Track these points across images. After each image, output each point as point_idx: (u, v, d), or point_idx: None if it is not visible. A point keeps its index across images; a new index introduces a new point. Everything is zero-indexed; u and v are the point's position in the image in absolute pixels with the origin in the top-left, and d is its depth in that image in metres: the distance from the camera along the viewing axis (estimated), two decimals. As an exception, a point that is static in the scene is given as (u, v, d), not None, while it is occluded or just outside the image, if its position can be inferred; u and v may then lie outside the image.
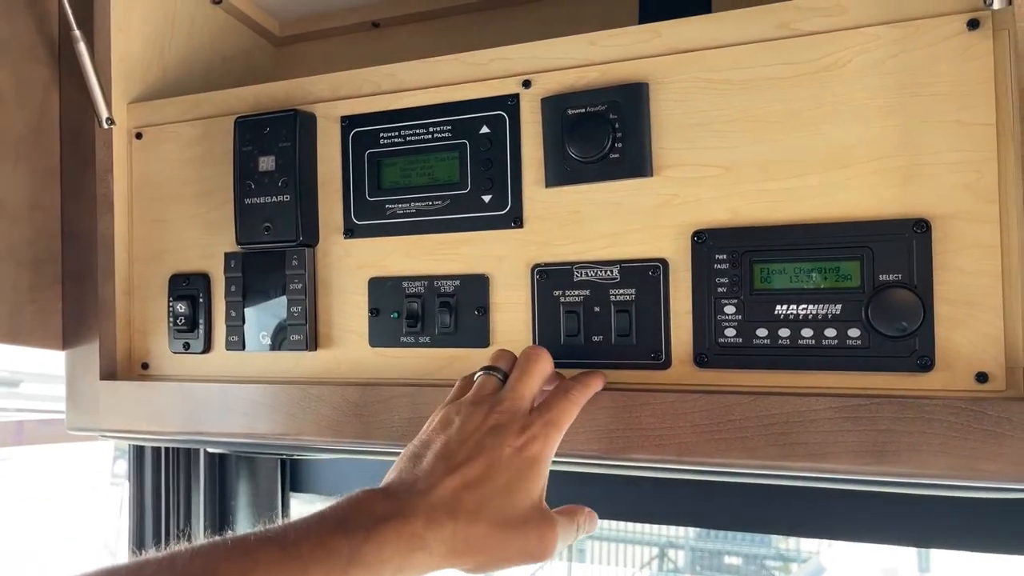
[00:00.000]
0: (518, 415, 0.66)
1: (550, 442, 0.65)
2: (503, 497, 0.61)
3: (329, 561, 0.53)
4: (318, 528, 0.55)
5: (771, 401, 0.68)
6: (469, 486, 0.61)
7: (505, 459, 0.63)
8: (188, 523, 1.38)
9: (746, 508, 1.10)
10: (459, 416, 0.66)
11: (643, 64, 0.75)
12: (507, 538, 0.60)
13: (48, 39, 0.97)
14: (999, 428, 0.61)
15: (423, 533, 0.58)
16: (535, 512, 0.63)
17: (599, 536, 9.65)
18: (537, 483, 0.64)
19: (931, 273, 0.66)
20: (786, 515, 1.08)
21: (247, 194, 0.88)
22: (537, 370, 0.69)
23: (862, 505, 1.04)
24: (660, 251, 0.75)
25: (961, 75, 0.65)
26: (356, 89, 0.87)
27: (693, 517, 1.18)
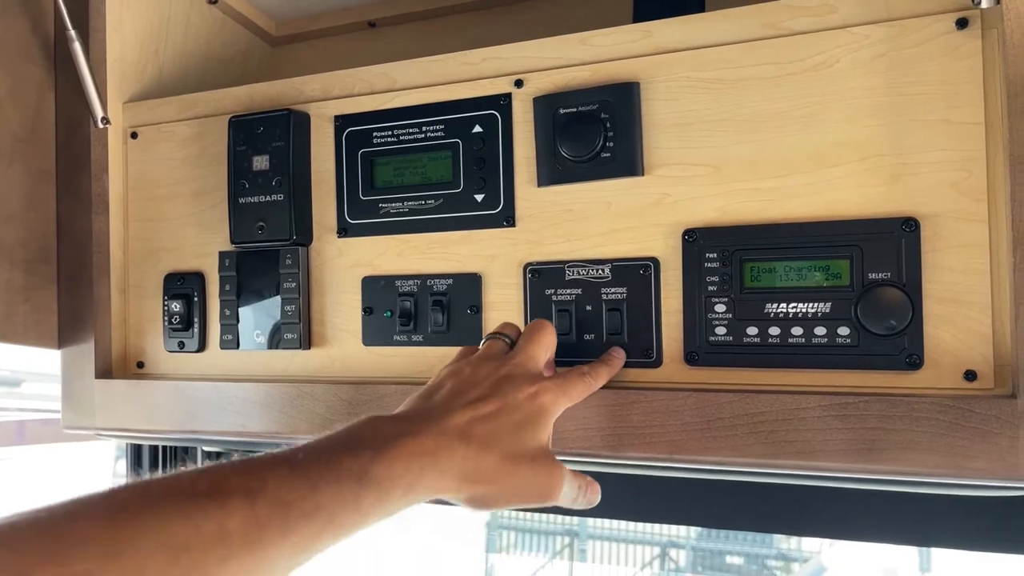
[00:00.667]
0: (530, 371, 0.66)
1: (558, 401, 0.65)
2: (514, 434, 0.61)
3: (339, 480, 0.52)
4: (327, 448, 0.54)
5: (760, 399, 0.68)
6: (481, 419, 0.61)
7: (517, 402, 0.63)
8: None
9: (748, 507, 1.10)
10: (470, 366, 0.66)
11: (634, 63, 0.76)
12: (518, 470, 0.60)
13: (44, 39, 0.97)
14: (987, 426, 0.61)
15: (434, 452, 0.57)
16: (543, 453, 0.63)
17: (600, 536, 9.66)
18: (546, 430, 0.64)
19: (920, 271, 0.66)
20: (788, 514, 1.08)
21: (241, 193, 0.89)
22: (544, 339, 0.70)
23: (863, 504, 1.04)
24: (651, 250, 0.75)
25: (949, 74, 0.66)
26: (349, 89, 0.87)
27: (695, 516, 1.18)
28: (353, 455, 0.54)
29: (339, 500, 0.51)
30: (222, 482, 0.48)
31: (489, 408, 0.61)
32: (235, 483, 0.48)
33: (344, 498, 0.52)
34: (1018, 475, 0.60)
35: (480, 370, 0.65)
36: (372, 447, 0.55)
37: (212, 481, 0.48)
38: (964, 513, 1.00)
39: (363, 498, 0.53)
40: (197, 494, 0.47)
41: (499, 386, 0.63)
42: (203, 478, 0.48)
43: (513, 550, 9.75)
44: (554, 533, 9.66)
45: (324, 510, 0.50)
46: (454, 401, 0.62)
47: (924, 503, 1.01)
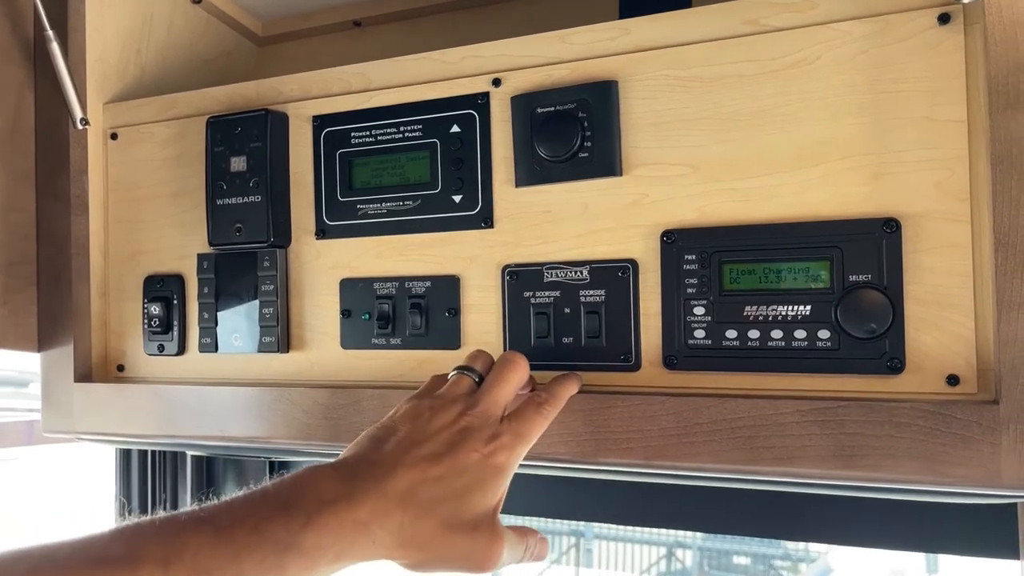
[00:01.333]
0: (489, 421, 0.64)
1: (516, 454, 0.63)
2: (459, 500, 0.59)
3: (263, 548, 0.50)
4: (257, 509, 0.52)
5: (738, 404, 0.66)
6: (427, 481, 0.59)
7: (470, 463, 0.60)
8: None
9: (753, 513, 1.07)
10: (430, 411, 0.64)
11: (612, 62, 0.74)
12: (454, 540, 0.58)
13: (23, 39, 0.96)
14: (968, 432, 0.60)
15: (369, 521, 0.55)
16: (487, 521, 0.61)
17: (606, 536, 9.63)
18: (496, 493, 0.62)
19: (901, 273, 0.65)
20: (793, 520, 1.06)
21: (219, 195, 0.88)
22: (514, 377, 0.67)
23: (868, 510, 1.02)
24: (630, 251, 0.74)
25: (932, 71, 0.64)
26: (327, 88, 0.86)
27: (701, 522, 1.16)
28: (284, 521, 0.52)
29: (262, 569, 0.50)
30: (137, 547, 0.46)
31: (438, 471, 0.59)
32: (151, 549, 0.46)
33: (267, 567, 0.50)
34: (999, 482, 0.59)
35: (438, 419, 0.63)
36: (306, 512, 0.53)
37: (127, 546, 0.46)
38: (972, 518, 0.98)
39: (288, 567, 0.51)
40: (107, 560, 0.45)
41: (454, 443, 0.61)
42: (116, 543, 0.46)
43: (519, 550, 9.71)
44: (560, 533, 9.64)
45: None
46: (404, 457, 0.60)
47: (931, 508, 0.99)
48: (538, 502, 1.19)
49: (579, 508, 1.18)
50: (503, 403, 0.66)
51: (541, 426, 0.66)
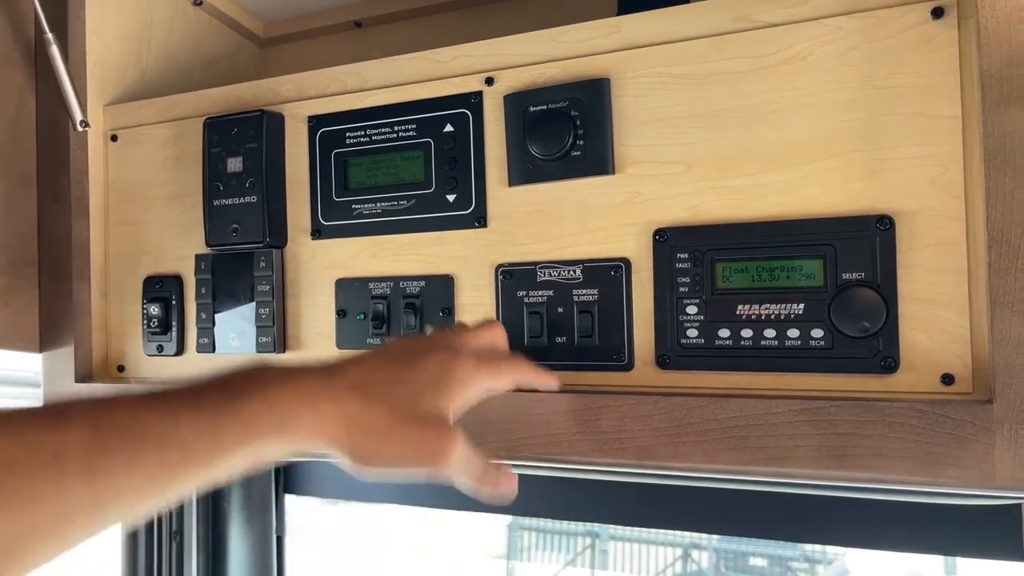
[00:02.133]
0: (453, 346, 0.61)
1: (477, 377, 0.60)
2: (410, 392, 0.56)
3: (198, 410, 0.47)
4: (195, 382, 0.50)
5: (730, 404, 0.66)
6: (379, 375, 0.56)
7: (428, 366, 0.58)
8: (181, 525, 1.38)
9: (768, 515, 1.06)
10: (393, 344, 0.62)
11: (604, 59, 0.74)
12: (405, 428, 0.55)
13: (24, 42, 0.97)
14: (962, 432, 0.59)
15: (314, 396, 0.52)
16: (439, 418, 0.57)
17: (621, 537, 9.60)
18: (451, 398, 0.58)
19: (895, 271, 0.64)
20: (804, 522, 1.05)
21: (216, 195, 0.88)
22: (486, 333, 0.65)
23: (886, 513, 1.00)
24: (622, 250, 0.73)
25: (925, 66, 0.63)
26: (323, 88, 0.86)
27: (715, 524, 1.15)
28: (224, 388, 0.49)
29: (196, 431, 0.47)
30: (66, 409, 0.44)
31: (392, 371, 0.57)
32: (80, 410, 0.44)
33: (202, 430, 0.47)
34: (993, 483, 0.58)
35: (399, 346, 0.60)
36: (247, 384, 0.50)
37: (58, 409, 0.44)
38: (976, 520, 0.97)
39: (225, 432, 0.47)
40: (35, 417, 0.43)
41: (413, 356, 0.58)
42: (49, 408, 0.44)
43: (534, 551, 9.71)
44: (575, 534, 9.63)
45: (179, 440, 0.46)
46: (357, 360, 0.57)
47: (947, 512, 0.97)
48: (554, 503, 1.18)
49: (594, 509, 1.18)
50: (471, 345, 0.63)
51: (511, 373, 0.64)
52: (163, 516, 1.36)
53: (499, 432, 0.73)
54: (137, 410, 0.46)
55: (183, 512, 1.38)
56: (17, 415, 0.43)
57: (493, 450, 0.73)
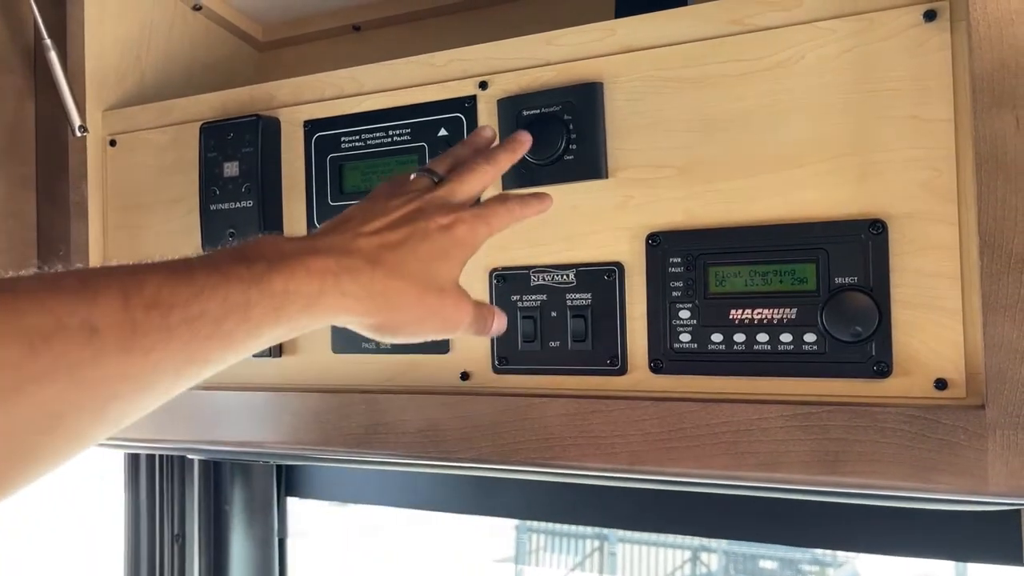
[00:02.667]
0: (447, 203, 0.62)
1: (477, 233, 0.62)
2: (424, 263, 0.58)
3: (227, 286, 0.47)
4: (217, 257, 0.49)
5: (721, 409, 0.65)
6: (390, 245, 0.57)
7: (429, 232, 0.59)
8: (182, 528, 1.39)
9: (778, 520, 1.05)
10: (386, 195, 0.62)
11: (598, 63, 0.74)
12: (425, 298, 0.58)
13: (23, 48, 0.98)
14: (953, 438, 0.58)
15: (337, 272, 0.53)
16: (454, 285, 0.61)
17: (630, 539, 9.58)
18: (458, 264, 0.61)
19: (888, 275, 0.63)
20: (819, 528, 1.03)
21: (212, 200, 0.88)
22: (477, 180, 0.65)
23: (897, 519, 0.99)
24: (616, 254, 0.73)
25: (918, 69, 0.63)
26: (319, 93, 0.87)
27: (724, 529, 1.14)
28: (246, 265, 0.49)
29: (226, 307, 0.47)
30: (92, 279, 0.43)
31: (398, 236, 0.58)
32: (107, 281, 0.43)
33: (232, 305, 0.47)
34: (985, 490, 0.57)
35: (391, 202, 0.60)
36: (268, 259, 0.50)
37: (80, 278, 0.43)
38: (988, 526, 0.96)
39: (254, 307, 0.48)
40: (61, 289, 0.41)
41: (412, 217, 0.59)
42: (71, 276, 0.43)
43: (543, 553, 9.70)
44: (583, 537, 9.60)
45: (209, 315, 0.46)
46: (362, 227, 0.58)
47: (961, 517, 0.96)
48: (561, 507, 1.17)
49: (601, 514, 1.17)
50: (463, 197, 0.64)
51: (503, 217, 0.64)
52: (164, 518, 1.37)
53: (490, 436, 0.73)
54: (164, 285, 0.45)
55: (184, 514, 1.38)
56: (40, 287, 0.41)
57: (485, 454, 0.73)
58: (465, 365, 0.79)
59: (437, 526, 8.38)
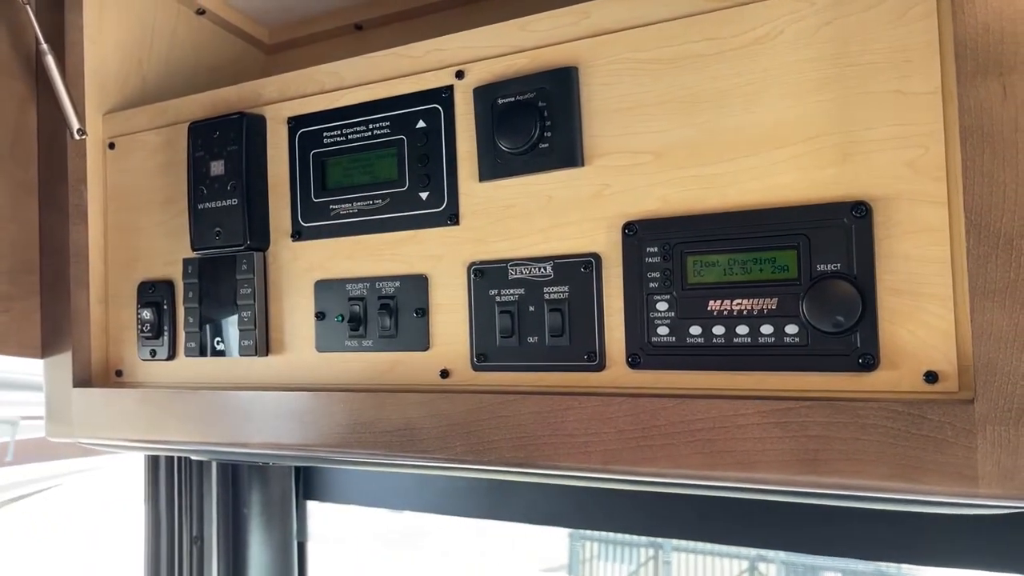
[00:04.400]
0: None
1: None
2: None
3: None
4: None
5: (696, 405, 0.62)
6: None
7: None
8: (201, 530, 1.39)
9: (838, 530, 0.99)
10: None
11: (573, 47, 0.71)
12: None
13: (24, 53, 0.99)
14: (940, 434, 0.54)
15: None
16: None
17: (685, 548, 9.41)
18: None
19: (873, 261, 0.59)
20: (880, 539, 0.98)
21: (200, 199, 0.88)
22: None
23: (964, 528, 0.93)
24: (593, 245, 0.70)
25: (901, 39, 0.59)
26: (302, 89, 0.86)
27: (782, 540, 1.08)
28: None
29: None
30: None
31: None
32: None
33: None
34: (975, 491, 0.53)
35: None
36: None
37: None
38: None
39: None
40: None
41: None
42: None
43: (596, 561, 9.60)
44: (638, 545, 9.47)
45: None
46: None
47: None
48: (614, 516, 1.15)
49: (656, 523, 1.13)
50: None
51: None
52: (184, 521, 1.37)
53: (464, 435, 0.71)
54: None
55: (203, 517, 1.39)
56: None
57: (459, 453, 0.71)
58: (445, 363, 0.77)
59: (486, 536, 8.35)
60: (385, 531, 7.63)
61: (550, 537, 9.12)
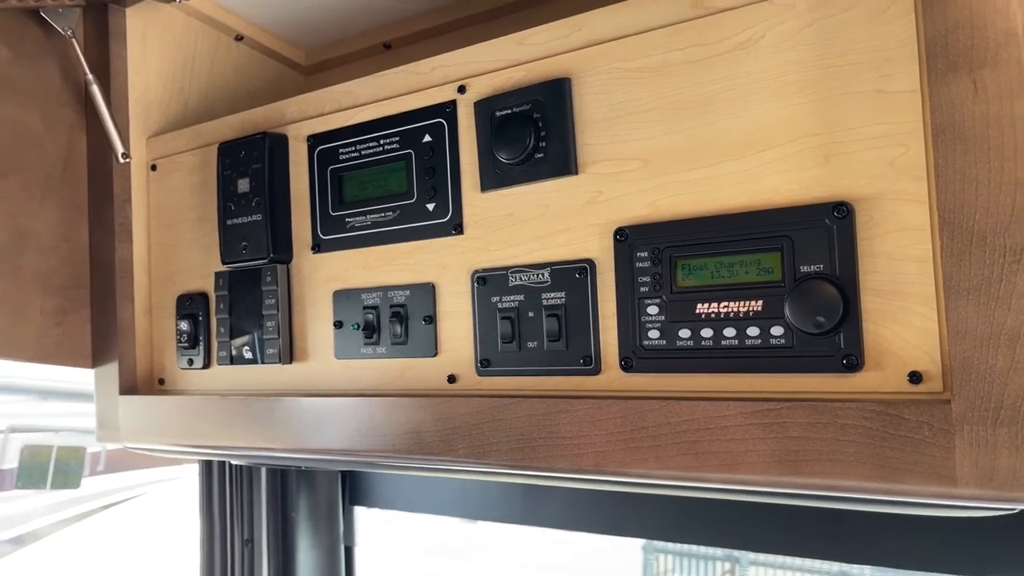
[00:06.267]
0: None
1: None
2: None
3: None
4: None
5: (681, 407, 0.63)
6: None
7: None
8: (252, 533, 1.45)
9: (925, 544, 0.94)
10: None
11: (566, 59, 0.73)
12: None
13: (74, 83, 1.07)
14: (918, 434, 0.53)
15: None
16: None
17: (763, 563, 9.18)
18: None
19: (855, 262, 0.59)
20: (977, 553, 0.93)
21: (228, 215, 0.93)
22: None
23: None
24: (587, 251, 0.72)
25: (880, 39, 0.58)
26: (320, 108, 0.90)
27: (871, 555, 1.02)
28: None
29: None
30: None
31: None
32: None
33: None
34: (954, 492, 0.52)
35: None
36: None
37: None
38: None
39: None
40: None
41: None
42: None
43: (671, 574, 9.44)
44: (713, 558, 9.29)
45: None
46: None
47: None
48: (691, 527, 1.12)
49: (733, 534, 1.09)
50: None
51: None
52: (235, 524, 1.43)
53: (466, 438, 0.73)
54: None
55: (253, 521, 1.45)
56: None
57: (462, 455, 0.73)
58: (452, 368, 0.79)
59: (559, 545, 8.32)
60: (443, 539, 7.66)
61: (623, 548, 9.02)
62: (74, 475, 5.13)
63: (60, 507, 6.47)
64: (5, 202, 1.01)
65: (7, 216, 1.01)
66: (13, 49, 1.02)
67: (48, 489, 5.13)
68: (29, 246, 1.01)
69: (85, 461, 5.36)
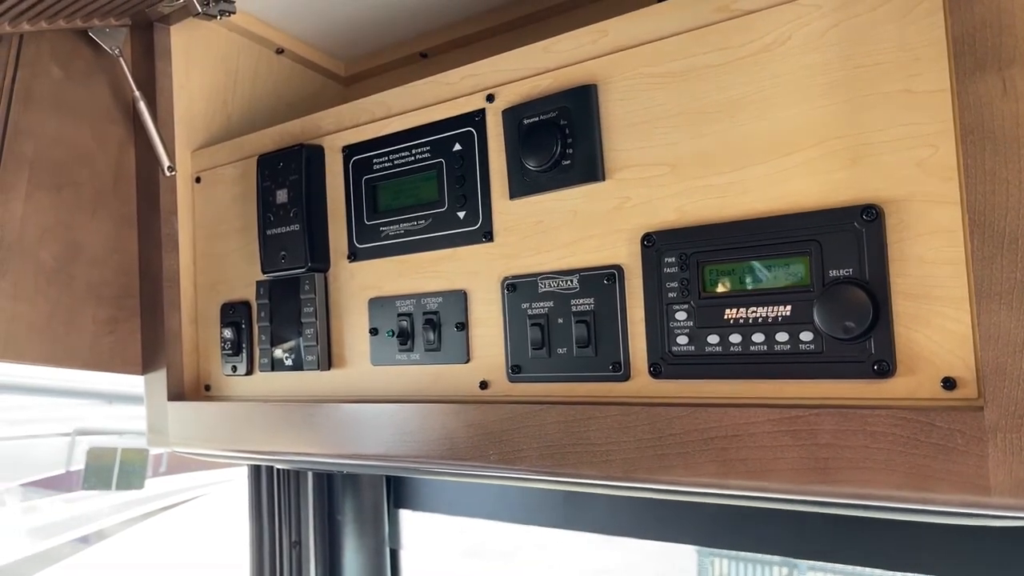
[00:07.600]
0: None
1: None
2: None
3: None
4: None
5: (709, 414, 0.62)
6: None
7: None
8: (300, 536, 1.48)
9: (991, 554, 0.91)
10: None
11: (592, 65, 0.73)
12: None
13: (123, 101, 1.10)
14: (950, 442, 0.52)
15: None
16: None
17: (823, 568, 8.98)
18: None
19: (885, 265, 0.58)
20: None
21: (268, 225, 0.95)
22: None
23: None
24: (615, 257, 0.71)
25: (908, 38, 0.57)
26: (355, 119, 0.91)
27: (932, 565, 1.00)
28: None
29: None
30: None
31: None
32: None
33: None
34: (988, 501, 0.51)
35: None
36: None
37: None
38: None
39: None
40: None
41: None
42: None
43: (727, 579, 9.30)
44: (770, 563, 9.12)
45: None
46: None
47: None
48: (746, 536, 1.11)
49: (792, 543, 1.07)
50: None
51: None
52: (283, 527, 1.46)
53: (497, 444, 0.73)
54: None
55: (301, 523, 1.48)
56: None
57: (492, 461, 0.74)
58: (484, 374, 0.80)
59: (604, 550, 8.26)
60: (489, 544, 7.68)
61: (675, 551, 8.91)
62: (138, 477, 5.29)
63: (125, 507, 6.66)
64: (60, 215, 1.05)
65: (62, 229, 1.05)
66: (65, 69, 1.06)
67: (113, 490, 5.29)
68: (82, 257, 1.05)
69: (148, 463, 5.52)
